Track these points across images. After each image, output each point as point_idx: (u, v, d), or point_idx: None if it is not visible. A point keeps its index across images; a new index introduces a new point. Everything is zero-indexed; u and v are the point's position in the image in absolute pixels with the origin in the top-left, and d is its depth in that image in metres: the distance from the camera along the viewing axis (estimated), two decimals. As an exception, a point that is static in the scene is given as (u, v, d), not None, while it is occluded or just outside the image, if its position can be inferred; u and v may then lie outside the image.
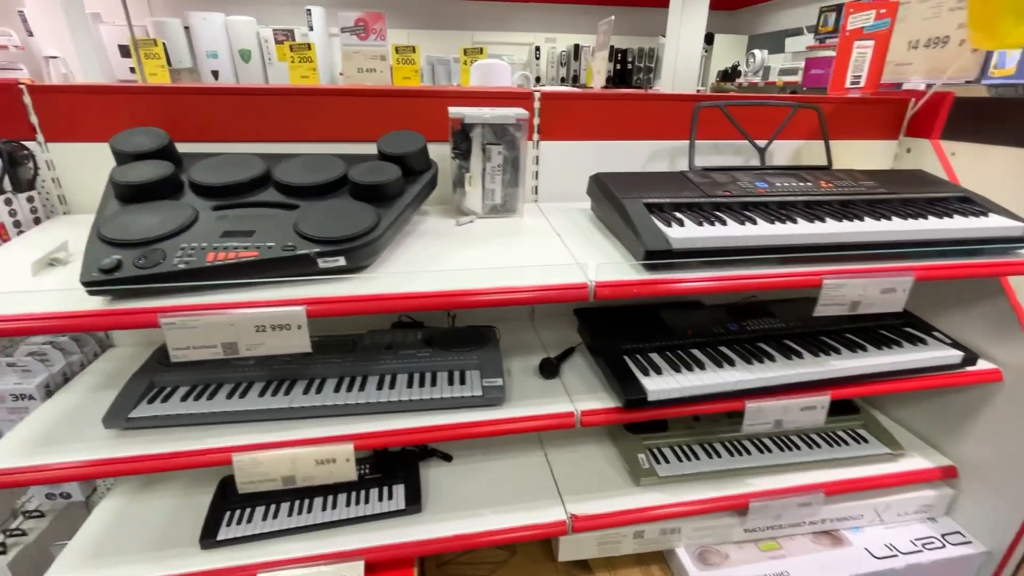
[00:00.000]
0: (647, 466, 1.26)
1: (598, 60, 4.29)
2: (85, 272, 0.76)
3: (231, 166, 0.99)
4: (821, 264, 1.00)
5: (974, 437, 1.29)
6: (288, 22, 8.01)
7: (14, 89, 1.05)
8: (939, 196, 1.17)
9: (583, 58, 8.46)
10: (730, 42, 8.84)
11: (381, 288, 0.84)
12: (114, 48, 7.59)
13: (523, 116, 1.09)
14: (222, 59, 7.57)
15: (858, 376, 1.14)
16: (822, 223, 1.03)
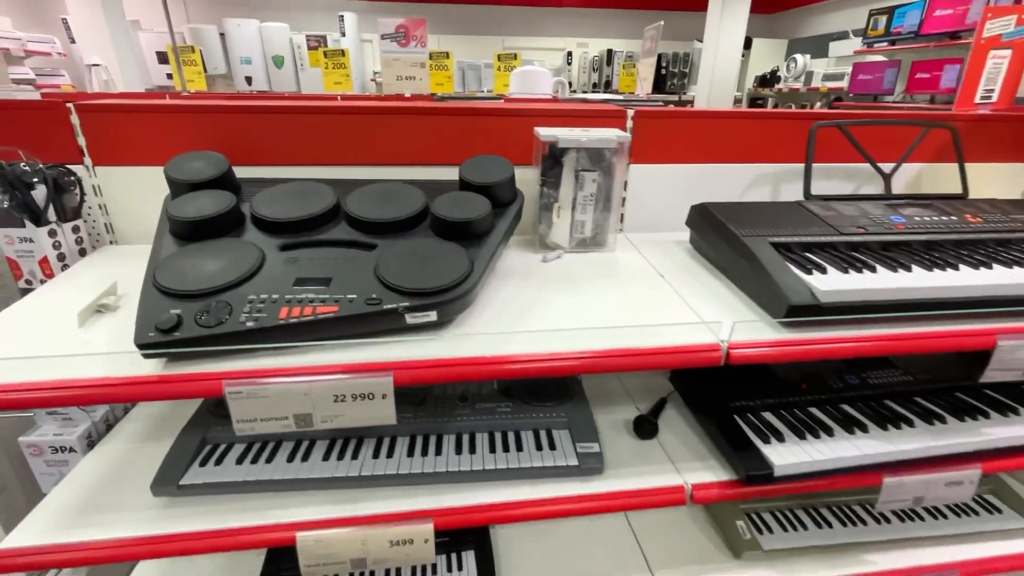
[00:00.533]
0: (748, 536, 1.10)
1: (644, 66, 4.13)
2: (140, 332, 0.64)
3: (298, 197, 0.87)
4: (985, 320, 0.83)
5: None
6: (320, 28, 8.04)
7: (60, 108, 0.95)
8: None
9: (616, 63, 8.28)
10: (768, 47, 8.57)
11: (479, 350, 0.71)
12: (151, 54, 7.71)
13: (625, 139, 0.95)
14: (255, 65, 7.63)
15: (1016, 447, 0.97)
16: (988, 270, 0.86)
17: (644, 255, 1.06)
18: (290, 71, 7.94)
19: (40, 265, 0.92)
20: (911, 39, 5.76)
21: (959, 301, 0.81)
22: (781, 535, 1.11)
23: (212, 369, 0.66)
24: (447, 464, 0.87)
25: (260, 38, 7.76)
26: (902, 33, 5.87)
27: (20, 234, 0.89)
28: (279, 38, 7.65)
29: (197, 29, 7.60)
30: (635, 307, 0.84)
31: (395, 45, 3.58)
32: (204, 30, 7.69)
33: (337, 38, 7.73)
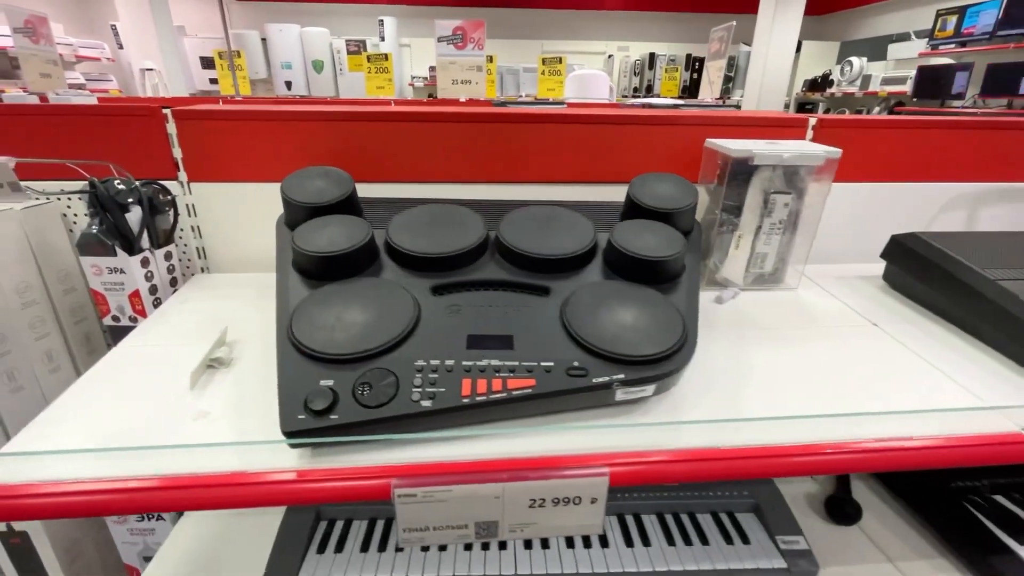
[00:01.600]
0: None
1: (712, 69, 3.91)
2: (287, 416, 0.48)
3: (439, 224, 0.71)
4: None
5: None
6: (360, 33, 8.02)
7: (157, 115, 0.80)
8: None
9: (658, 67, 8.05)
10: (818, 49, 8.24)
11: (711, 440, 0.53)
12: (195, 60, 7.81)
13: (835, 155, 0.76)
14: (295, 70, 7.65)
15: None
16: None
17: (832, 294, 0.87)
18: (329, 75, 7.96)
19: (131, 299, 0.78)
20: (985, 40, 5.40)
21: None
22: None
23: (373, 460, 0.50)
24: (621, 563, 0.69)
25: (301, 43, 7.79)
26: (975, 34, 5.52)
27: (110, 264, 0.75)
28: (319, 43, 7.66)
29: (240, 35, 7.66)
30: (866, 371, 0.65)
31: (452, 48, 3.44)
32: (246, 35, 7.75)
33: (376, 42, 7.71)
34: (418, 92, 8.30)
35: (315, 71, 7.87)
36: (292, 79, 7.88)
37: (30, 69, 1.55)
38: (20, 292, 0.77)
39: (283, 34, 7.63)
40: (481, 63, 4.03)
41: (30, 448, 0.50)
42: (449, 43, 3.73)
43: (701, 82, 3.93)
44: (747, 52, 7.47)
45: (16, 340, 0.77)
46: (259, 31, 7.72)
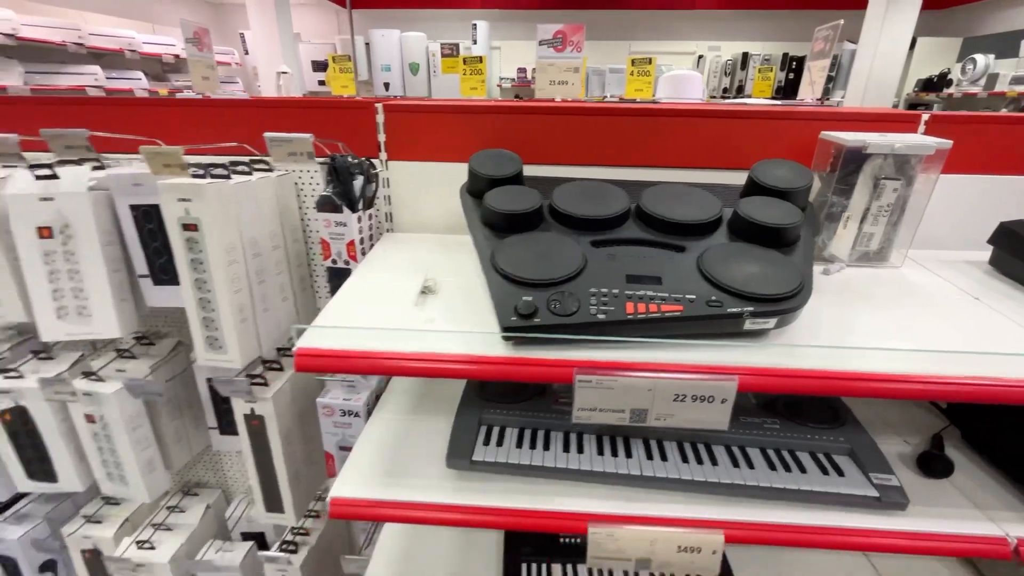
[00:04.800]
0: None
1: (816, 69, 3.83)
2: (503, 316, 0.69)
3: (591, 196, 0.90)
4: None
5: None
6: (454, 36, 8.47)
7: (371, 107, 1.06)
8: None
9: (751, 67, 7.81)
10: (935, 46, 7.61)
11: (818, 363, 0.67)
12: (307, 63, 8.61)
13: (945, 147, 0.86)
14: (394, 72, 8.21)
15: None
16: None
17: (936, 273, 0.96)
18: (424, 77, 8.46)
19: (347, 247, 1.03)
20: None
21: None
22: (1087, 612, 0.94)
23: (558, 356, 0.69)
24: (729, 476, 0.84)
25: (400, 47, 8.35)
26: None
27: (337, 219, 1.01)
28: (417, 46, 8.17)
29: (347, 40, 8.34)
30: (964, 331, 0.75)
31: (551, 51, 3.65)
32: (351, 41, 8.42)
33: (468, 45, 8.10)
34: (505, 93, 8.61)
35: (411, 73, 8.40)
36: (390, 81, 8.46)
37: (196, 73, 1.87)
38: (271, 238, 1.05)
39: (385, 39, 8.21)
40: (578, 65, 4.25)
41: (325, 329, 0.74)
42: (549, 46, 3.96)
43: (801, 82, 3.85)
44: (851, 50, 7.07)
45: (268, 274, 1.05)
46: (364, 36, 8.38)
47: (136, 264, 1.04)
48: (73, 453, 1.18)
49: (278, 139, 0.87)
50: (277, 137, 0.87)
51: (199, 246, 0.91)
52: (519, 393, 1.01)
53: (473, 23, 7.99)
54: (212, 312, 0.95)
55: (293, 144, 0.86)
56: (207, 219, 0.89)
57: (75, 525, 1.32)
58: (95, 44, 5.48)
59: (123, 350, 1.20)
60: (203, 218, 0.89)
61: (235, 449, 1.28)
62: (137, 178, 0.96)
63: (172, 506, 1.40)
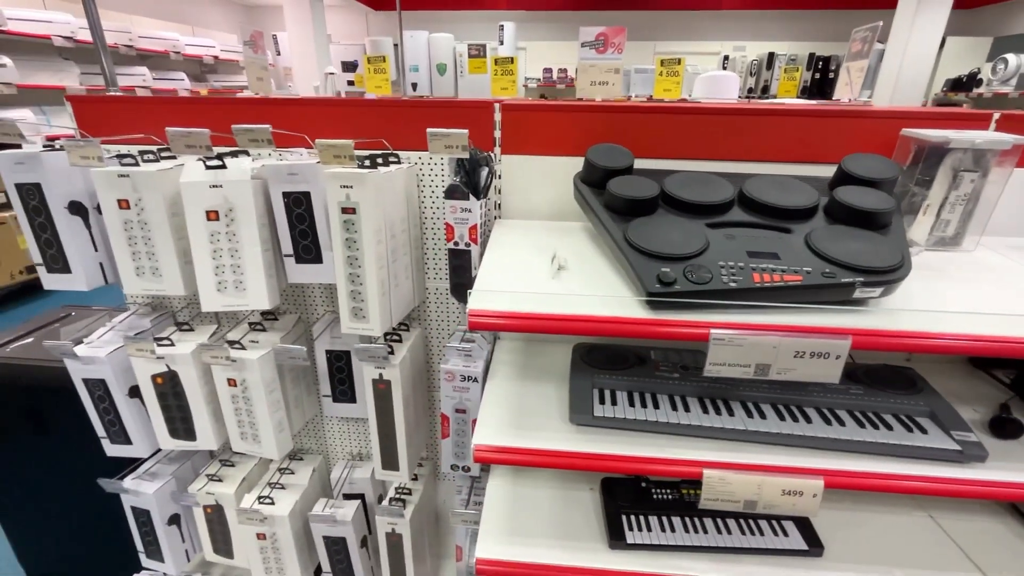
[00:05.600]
0: (1102, 560, 1.05)
1: (854, 69, 3.90)
2: (648, 283, 0.81)
3: (699, 184, 1.02)
4: None
5: None
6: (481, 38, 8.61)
7: (489, 106, 1.19)
8: None
9: (776, 67, 7.84)
10: (965, 46, 7.57)
11: (923, 326, 0.78)
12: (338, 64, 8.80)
13: (1021, 142, 0.97)
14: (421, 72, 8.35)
15: None
16: None
17: (1008, 257, 1.06)
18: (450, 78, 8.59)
19: (469, 231, 1.16)
20: None
21: None
22: None
23: (696, 318, 0.81)
24: (829, 433, 0.96)
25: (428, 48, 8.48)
26: None
27: (463, 205, 1.14)
28: (444, 47, 8.29)
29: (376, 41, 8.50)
30: None
31: (593, 52, 3.79)
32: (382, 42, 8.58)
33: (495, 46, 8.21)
34: (530, 93, 8.74)
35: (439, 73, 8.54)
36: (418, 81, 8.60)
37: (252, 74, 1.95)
38: (402, 223, 1.18)
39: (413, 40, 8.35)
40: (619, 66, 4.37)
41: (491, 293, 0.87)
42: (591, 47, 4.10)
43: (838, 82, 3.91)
44: (880, 50, 7.07)
45: (398, 255, 1.18)
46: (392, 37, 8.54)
47: (283, 244, 1.18)
48: (211, 414, 1.33)
49: (439, 134, 1.00)
50: (438, 132, 1.00)
51: (355, 227, 1.05)
52: (623, 361, 1.13)
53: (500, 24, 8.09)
54: (360, 286, 1.09)
55: (451, 138, 0.99)
56: (365, 203, 1.02)
57: (200, 483, 1.48)
58: (144, 46, 5.71)
59: (255, 323, 1.35)
60: (362, 202, 1.02)
61: (346, 415, 1.43)
62: (293, 168, 1.10)
63: (283, 468, 1.55)
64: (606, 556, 1.09)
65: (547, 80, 8.56)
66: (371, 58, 6.23)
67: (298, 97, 1.35)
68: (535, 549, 1.11)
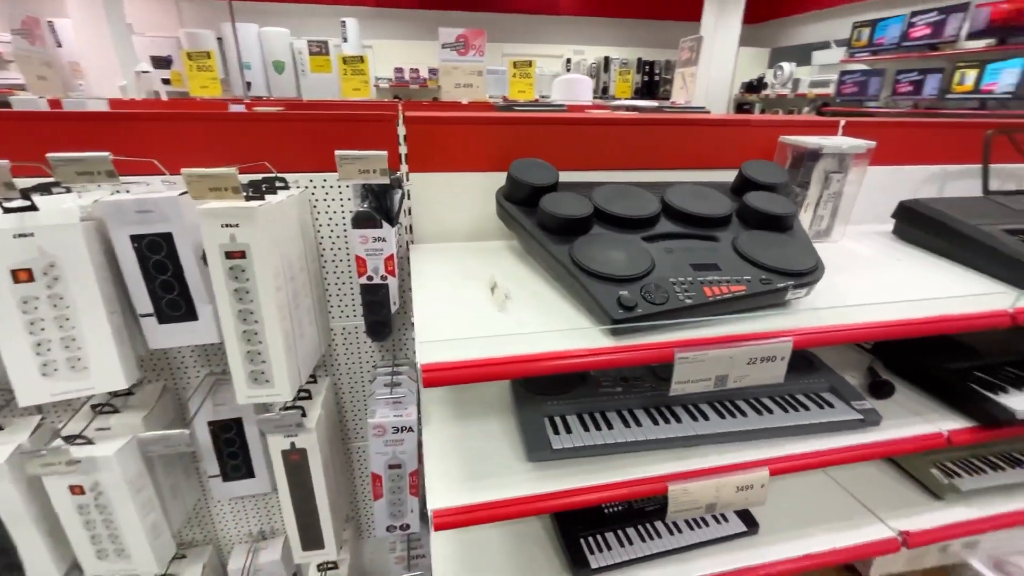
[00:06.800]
0: (946, 481, 1.29)
1: (686, 75, 4.38)
2: (611, 310, 0.77)
3: (622, 197, 1.01)
4: None
5: None
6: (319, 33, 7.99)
7: (391, 119, 1.05)
8: None
9: (612, 70, 8.58)
10: (752, 55, 9.04)
11: (843, 320, 0.87)
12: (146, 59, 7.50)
13: (872, 146, 1.13)
14: (255, 70, 7.49)
15: None
16: None
17: (865, 244, 1.24)
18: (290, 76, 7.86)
19: (385, 262, 1.02)
20: (893, 50, 6.24)
21: None
22: (973, 479, 1.31)
23: (657, 339, 0.79)
24: (760, 423, 1.02)
25: (260, 43, 7.65)
26: (884, 44, 6.35)
27: (376, 234, 0.99)
28: (280, 43, 7.54)
29: (194, 34, 7.43)
30: (898, 280, 1.02)
31: (454, 54, 3.69)
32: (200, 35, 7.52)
33: (338, 43, 7.71)
34: (382, 93, 8.38)
35: (276, 72, 7.74)
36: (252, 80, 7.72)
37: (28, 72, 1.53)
38: (299, 259, 0.99)
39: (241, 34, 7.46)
40: (482, 68, 4.32)
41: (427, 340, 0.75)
42: (452, 49, 4.00)
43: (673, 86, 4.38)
44: (688, 56, 8.11)
45: (300, 298, 0.99)
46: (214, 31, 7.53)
47: (137, 303, 0.91)
48: (46, 536, 0.99)
49: (351, 157, 0.83)
50: (349, 155, 0.83)
51: (246, 274, 0.84)
52: (565, 384, 1.09)
53: (342, 20, 7.61)
54: (258, 344, 0.89)
55: (366, 161, 0.83)
56: (258, 244, 0.83)
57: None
58: None
59: (101, 405, 1.03)
60: (253, 243, 0.82)
61: (243, 494, 1.18)
62: (143, 203, 0.85)
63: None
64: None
65: (399, 80, 8.28)
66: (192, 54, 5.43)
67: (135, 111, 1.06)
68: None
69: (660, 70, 8.93)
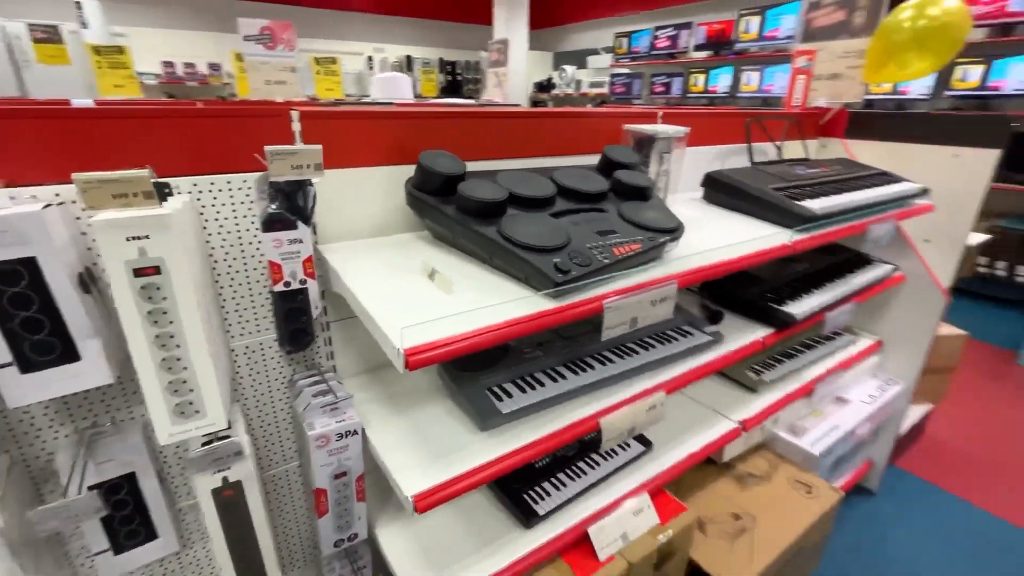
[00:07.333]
0: (756, 378, 1.74)
1: (500, 74, 4.68)
2: (552, 275, 0.89)
3: (524, 181, 1.13)
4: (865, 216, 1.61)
5: (888, 319, 2.11)
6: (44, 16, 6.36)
7: (284, 113, 0.99)
8: (870, 174, 1.92)
9: (416, 69, 8.67)
10: (537, 58, 10.03)
11: (702, 261, 1.13)
12: None
13: (687, 131, 1.46)
14: (-60, 61, 5.68)
15: (864, 287, 1.82)
16: (865, 192, 1.64)
17: (688, 208, 1.59)
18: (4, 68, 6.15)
19: (304, 265, 0.97)
20: (646, 57, 7.59)
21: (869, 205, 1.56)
22: (769, 373, 1.78)
23: (588, 295, 0.94)
24: (651, 357, 1.26)
25: (-54, 25, 5.83)
26: (640, 52, 7.69)
27: (291, 236, 0.94)
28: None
29: None
30: (717, 232, 1.36)
31: (261, 48, 3.32)
32: None
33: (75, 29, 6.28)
34: (151, 92, 7.06)
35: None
36: (-56, 71, 5.84)
37: None
38: (203, 271, 0.88)
39: (-85, 11, 5.59)
40: (294, 64, 4.07)
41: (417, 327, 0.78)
42: (257, 42, 3.67)
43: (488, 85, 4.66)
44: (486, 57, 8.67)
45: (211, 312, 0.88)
46: None
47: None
48: None
49: (283, 152, 0.76)
50: (283, 150, 0.76)
51: (162, 292, 0.73)
52: (491, 359, 1.18)
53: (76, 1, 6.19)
54: (183, 371, 0.78)
55: (300, 156, 0.77)
56: (173, 256, 0.72)
57: None
58: None
59: (-81, 501, 0.77)
60: (168, 256, 0.72)
61: (145, 562, 1.00)
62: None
63: None
64: (531, 535, 1.16)
65: (171, 76, 7.08)
66: None
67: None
68: (469, 573, 1.08)
69: (462, 70, 9.33)
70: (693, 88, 6.89)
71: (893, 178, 1.88)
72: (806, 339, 1.97)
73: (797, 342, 1.94)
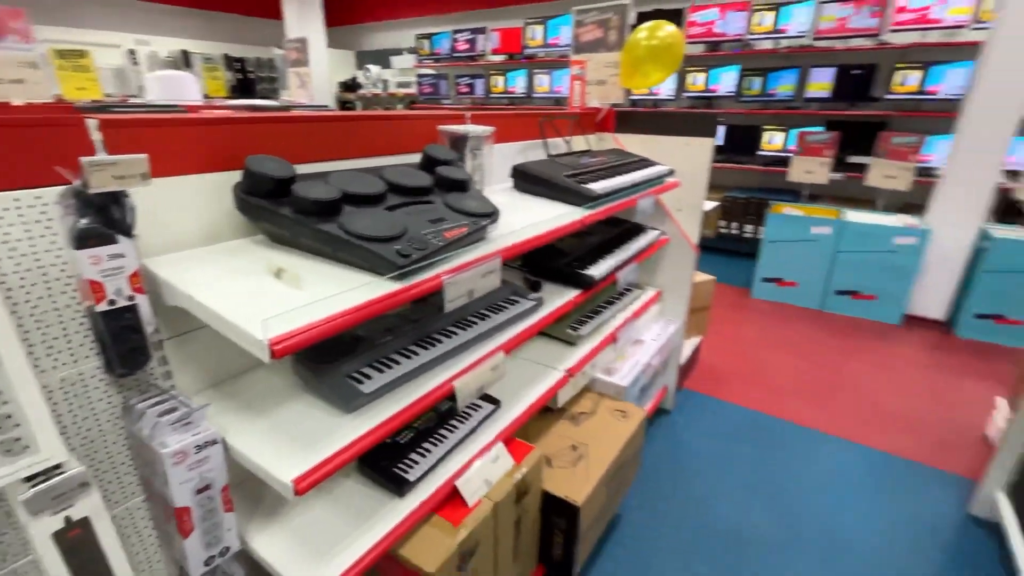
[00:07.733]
0: (574, 333, 2.10)
1: (303, 74, 4.45)
2: (395, 260, 1.02)
3: (353, 180, 1.23)
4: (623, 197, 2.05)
5: (661, 273, 2.71)
6: None
7: (78, 122, 0.92)
8: (635, 160, 2.43)
9: (196, 65, 7.67)
10: (338, 56, 9.69)
11: (518, 239, 1.37)
12: None
13: (492, 130, 1.69)
14: None
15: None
16: (632, 174, 2.09)
17: (501, 196, 1.84)
18: None
19: (130, 280, 0.93)
20: (448, 59, 7.94)
21: (634, 185, 1.99)
22: (583, 328, 2.16)
23: (429, 274, 1.09)
24: (489, 325, 1.47)
25: None
26: (441, 54, 8.00)
27: (112, 251, 0.89)
28: None
29: None
30: (526, 214, 1.64)
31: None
32: None
33: None
34: None
35: None
36: None
37: None
38: None
39: None
40: (34, 59, 3.48)
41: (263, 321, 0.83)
42: None
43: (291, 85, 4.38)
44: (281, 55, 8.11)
45: (15, 346, 0.80)
46: None
47: None
48: None
49: (103, 162, 0.71)
50: (103, 160, 0.70)
51: (-33, 323, 0.67)
52: (345, 348, 1.26)
53: None
54: (4, 405, 0.71)
55: (124, 166, 0.73)
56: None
57: None
58: None
59: None
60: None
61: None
62: None
63: None
64: (406, 502, 1.28)
65: None
66: None
67: None
68: (350, 551, 1.16)
69: (253, 68, 8.52)
70: (495, 89, 7.45)
71: (651, 163, 2.41)
72: (606, 298, 2.41)
73: (601, 301, 2.37)
